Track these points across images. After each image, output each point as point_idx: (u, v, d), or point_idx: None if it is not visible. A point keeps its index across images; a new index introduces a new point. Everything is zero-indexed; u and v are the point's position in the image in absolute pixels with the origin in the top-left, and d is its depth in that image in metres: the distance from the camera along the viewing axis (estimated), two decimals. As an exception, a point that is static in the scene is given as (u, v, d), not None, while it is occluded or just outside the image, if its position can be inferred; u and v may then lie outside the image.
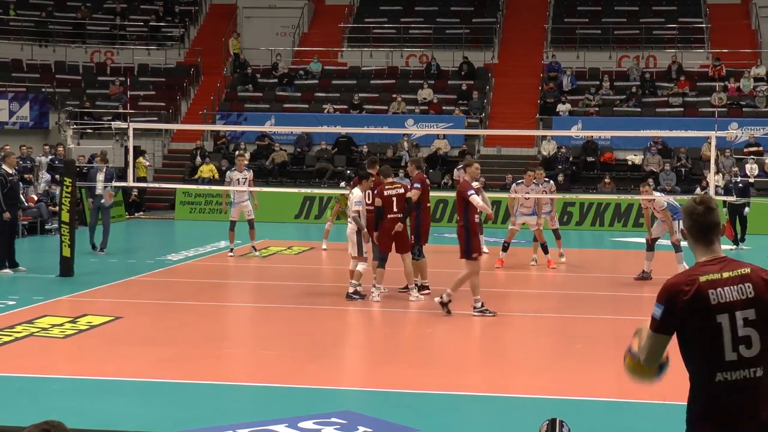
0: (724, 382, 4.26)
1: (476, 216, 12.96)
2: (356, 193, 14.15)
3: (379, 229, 13.96)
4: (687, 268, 14.62)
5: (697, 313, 4.27)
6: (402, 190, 14.03)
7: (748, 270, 4.35)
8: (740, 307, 4.27)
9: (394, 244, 14.08)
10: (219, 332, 12.32)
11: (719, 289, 4.29)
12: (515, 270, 16.96)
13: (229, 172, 19.62)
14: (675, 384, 9.44)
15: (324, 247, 20.30)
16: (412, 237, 14.47)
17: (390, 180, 14.25)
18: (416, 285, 14.34)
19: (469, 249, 12.71)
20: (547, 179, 18.84)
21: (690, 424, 4.36)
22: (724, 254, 4.47)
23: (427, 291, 14.48)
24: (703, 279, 4.31)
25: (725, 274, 4.33)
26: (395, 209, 13.90)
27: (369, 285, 14.27)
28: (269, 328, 12.69)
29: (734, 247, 21.22)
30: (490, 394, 9.29)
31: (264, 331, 12.58)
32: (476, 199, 12.79)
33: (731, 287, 4.30)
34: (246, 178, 19.08)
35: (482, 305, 12.79)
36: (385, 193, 13.97)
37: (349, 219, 14.31)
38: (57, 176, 24.26)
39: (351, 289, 14.08)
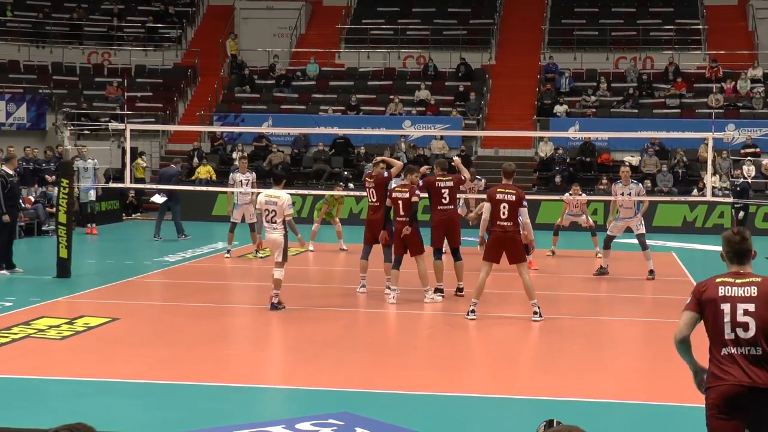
0: (727, 355, 5.55)
1: None
2: (285, 197, 13.37)
3: (394, 232, 14.19)
4: (651, 263, 14.78)
5: (709, 300, 5.63)
6: (408, 195, 14.07)
7: (758, 279, 5.64)
8: (742, 301, 5.55)
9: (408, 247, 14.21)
10: (216, 333, 12.31)
11: (728, 287, 5.62)
12: (509, 272, 16.96)
13: (232, 174, 19.66)
14: (673, 386, 9.46)
15: (311, 248, 20.32)
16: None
17: (402, 183, 14.35)
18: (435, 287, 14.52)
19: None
20: None
21: (707, 382, 5.63)
22: (750, 272, 5.70)
23: (441, 294, 14.55)
24: (718, 280, 5.69)
25: (738, 281, 5.65)
26: (401, 212, 14.02)
27: (382, 286, 14.27)
28: (266, 329, 12.68)
29: None
30: (488, 395, 9.29)
31: (261, 332, 12.57)
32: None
33: (738, 287, 5.60)
34: (249, 180, 19.13)
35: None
36: (393, 195, 14.12)
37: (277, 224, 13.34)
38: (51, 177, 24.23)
39: (275, 299, 13.37)
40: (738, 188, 21.30)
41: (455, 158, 16.00)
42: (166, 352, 10.94)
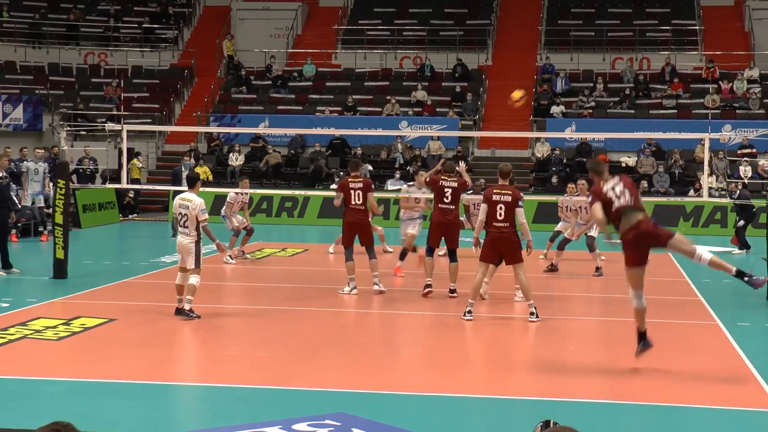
0: (623, 219, 9.81)
1: None
2: (198, 202, 12.55)
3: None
4: (599, 261, 15.60)
5: (607, 197, 9.91)
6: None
7: (618, 178, 10.09)
8: (620, 195, 9.85)
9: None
10: (212, 334, 12.30)
11: (614, 188, 9.92)
12: (504, 273, 16.99)
13: (233, 193, 19.77)
14: (669, 386, 9.46)
15: (331, 250, 20.15)
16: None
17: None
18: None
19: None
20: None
21: (621, 230, 9.98)
22: (619, 176, 10.12)
23: (429, 290, 14.60)
24: (604, 186, 10.02)
25: (614, 184, 9.98)
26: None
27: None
28: (263, 330, 12.67)
29: (742, 251, 21.02)
30: (484, 396, 9.30)
31: (257, 333, 12.56)
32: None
33: (616, 185, 9.96)
34: (244, 202, 19.37)
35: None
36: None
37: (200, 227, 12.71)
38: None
39: (187, 306, 12.70)
40: (737, 199, 21.20)
41: (461, 164, 16.29)
42: (162, 353, 10.93)
